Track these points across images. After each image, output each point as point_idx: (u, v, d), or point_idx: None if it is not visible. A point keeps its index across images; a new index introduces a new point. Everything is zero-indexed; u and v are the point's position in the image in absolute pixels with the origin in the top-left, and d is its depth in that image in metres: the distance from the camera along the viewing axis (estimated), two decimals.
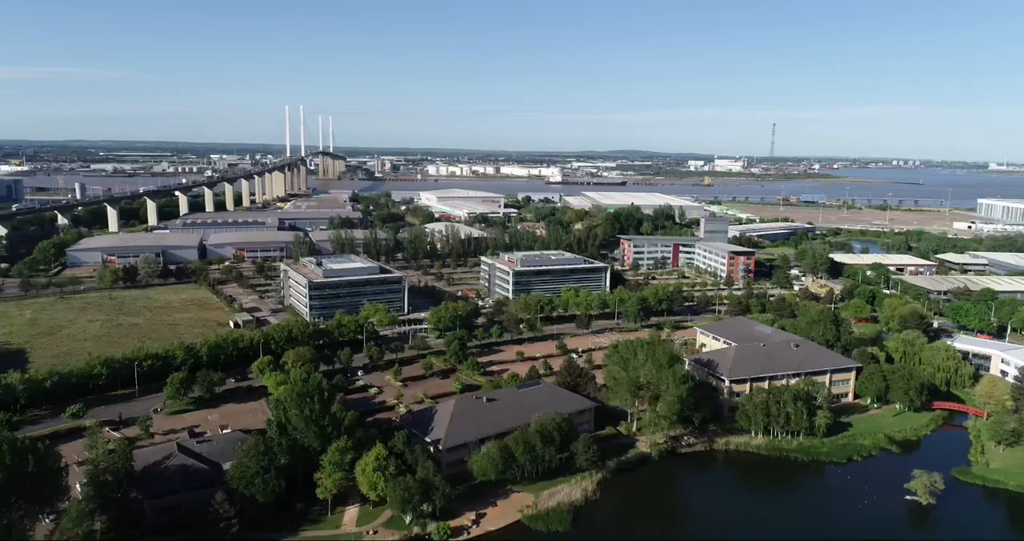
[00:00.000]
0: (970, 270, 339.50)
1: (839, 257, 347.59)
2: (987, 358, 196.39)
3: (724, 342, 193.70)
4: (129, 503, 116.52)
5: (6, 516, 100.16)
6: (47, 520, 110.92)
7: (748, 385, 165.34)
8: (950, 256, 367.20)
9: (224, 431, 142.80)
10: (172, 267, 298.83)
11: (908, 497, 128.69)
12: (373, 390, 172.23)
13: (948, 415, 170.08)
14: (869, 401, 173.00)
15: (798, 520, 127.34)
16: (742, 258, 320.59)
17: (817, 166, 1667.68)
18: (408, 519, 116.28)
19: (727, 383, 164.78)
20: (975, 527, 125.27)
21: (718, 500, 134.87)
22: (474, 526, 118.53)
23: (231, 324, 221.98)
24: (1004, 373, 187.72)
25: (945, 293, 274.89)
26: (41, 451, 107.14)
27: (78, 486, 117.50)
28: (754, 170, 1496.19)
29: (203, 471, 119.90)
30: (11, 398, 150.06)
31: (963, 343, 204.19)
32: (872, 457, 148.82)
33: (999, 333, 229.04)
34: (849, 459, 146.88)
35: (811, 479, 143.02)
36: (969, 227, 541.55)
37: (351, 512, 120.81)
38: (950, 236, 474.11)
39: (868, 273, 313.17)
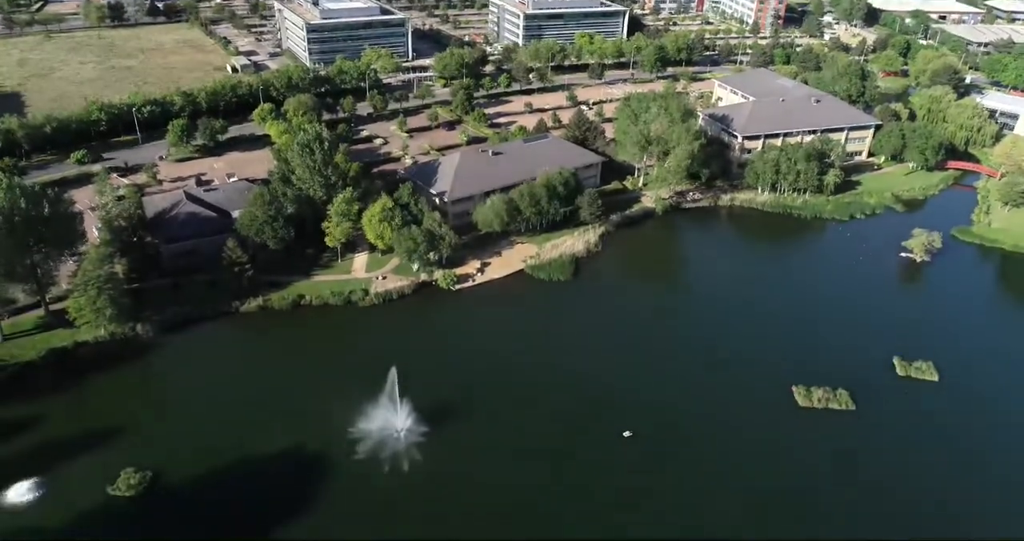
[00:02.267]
0: (1020, 19, 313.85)
1: (878, 2, 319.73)
2: (1014, 117, 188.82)
3: (742, 96, 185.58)
4: (145, 247, 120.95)
5: (29, 257, 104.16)
6: (71, 261, 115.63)
7: (761, 142, 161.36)
8: (1000, 3, 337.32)
9: (231, 179, 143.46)
10: (160, 4, 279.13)
11: (903, 254, 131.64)
12: (378, 141, 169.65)
13: (960, 175, 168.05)
14: (883, 159, 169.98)
15: (792, 273, 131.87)
16: (773, 2, 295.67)
17: None
18: (415, 267, 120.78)
19: (740, 139, 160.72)
20: (960, 283, 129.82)
21: (718, 253, 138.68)
22: (479, 274, 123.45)
23: (228, 69, 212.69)
24: None
25: (985, 45, 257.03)
26: (52, 197, 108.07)
27: (95, 230, 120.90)
28: None
29: (213, 219, 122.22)
30: (13, 144, 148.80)
31: (993, 100, 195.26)
32: (876, 215, 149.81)
33: None
34: (851, 217, 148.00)
35: (811, 235, 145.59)
36: None
37: (360, 259, 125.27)
38: None
39: (907, 21, 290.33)
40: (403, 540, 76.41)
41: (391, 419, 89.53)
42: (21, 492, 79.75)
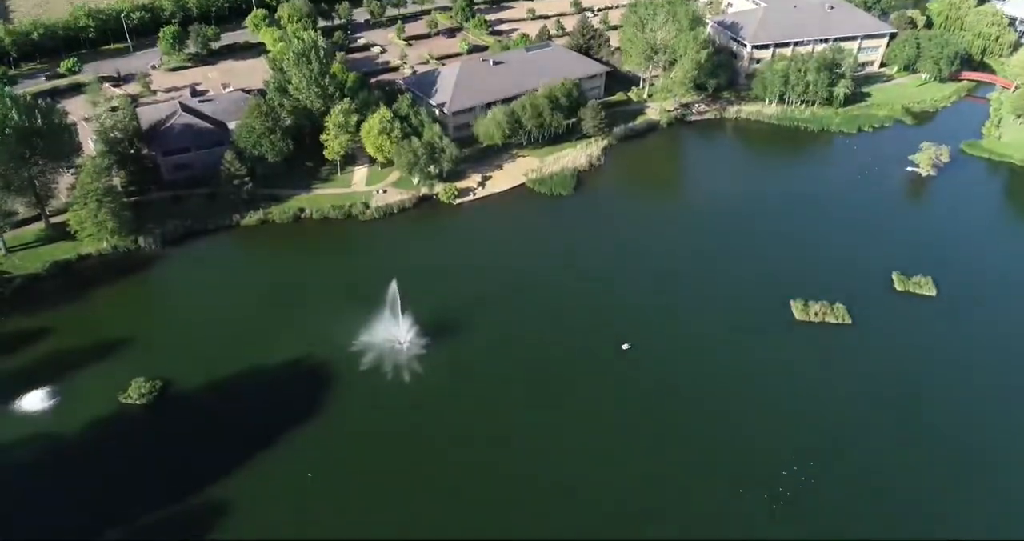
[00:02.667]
0: None
1: None
2: None
3: (753, 2, 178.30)
4: (143, 160, 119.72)
5: (26, 170, 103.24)
6: (68, 173, 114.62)
7: (771, 51, 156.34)
8: None
9: (226, 90, 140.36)
10: None
11: (909, 169, 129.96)
12: (375, 49, 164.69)
13: (974, 86, 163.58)
14: (896, 70, 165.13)
15: (795, 187, 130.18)
16: None
17: None
18: (416, 180, 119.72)
19: (749, 48, 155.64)
20: (966, 198, 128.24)
21: (720, 167, 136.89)
22: (480, 188, 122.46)
23: None
24: None
25: None
26: (45, 108, 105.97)
27: (90, 142, 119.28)
28: None
29: (210, 130, 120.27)
30: (1, 52, 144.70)
31: (1015, 8, 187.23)
32: (884, 128, 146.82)
33: None
34: (859, 130, 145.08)
35: (817, 149, 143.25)
36: None
37: (360, 172, 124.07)
38: None
39: None
40: (405, 451, 79.23)
41: (393, 331, 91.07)
42: (35, 400, 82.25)
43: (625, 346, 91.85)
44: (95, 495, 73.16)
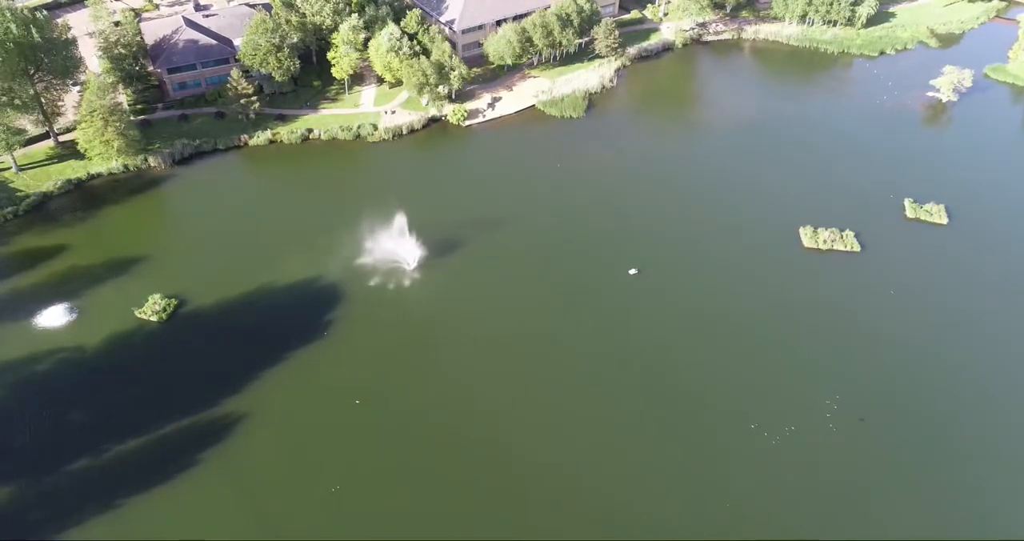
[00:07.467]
0: None
1: None
2: None
3: None
4: (149, 77, 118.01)
5: (31, 86, 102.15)
6: (75, 91, 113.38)
7: None
8: None
9: (231, 3, 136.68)
10: None
11: (930, 94, 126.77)
12: None
13: (1004, 7, 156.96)
14: None
15: (811, 112, 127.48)
16: None
17: None
18: (424, 101, 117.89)
19: None
20: (986, 125, 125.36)
21: (736, 90, 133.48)
22: (489, 109, 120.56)
23: None
24: None
25: None
26: (41, 21, 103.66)
27: (95, 58, 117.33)
28: None
29: (215, 47, 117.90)
30: None
31: None
32: (907, 51, 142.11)
33: None
34: (881, 53, 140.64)
35: (836, 72, 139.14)
36: None
37: (368, 92, 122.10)
38: None
39: None
40: (408, 363, 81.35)
41: (400, 251, 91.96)
42: (54, 316, 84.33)
43: (632, 271, 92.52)
44: (116, 407, 75.97)
